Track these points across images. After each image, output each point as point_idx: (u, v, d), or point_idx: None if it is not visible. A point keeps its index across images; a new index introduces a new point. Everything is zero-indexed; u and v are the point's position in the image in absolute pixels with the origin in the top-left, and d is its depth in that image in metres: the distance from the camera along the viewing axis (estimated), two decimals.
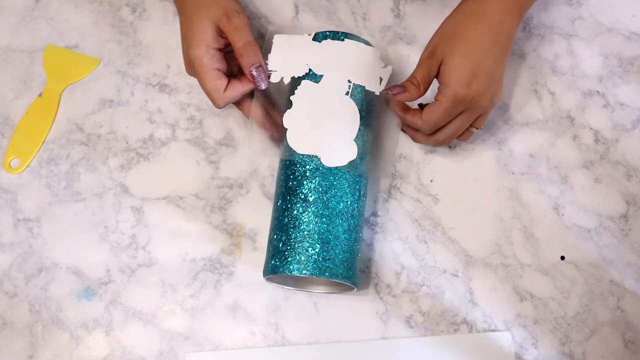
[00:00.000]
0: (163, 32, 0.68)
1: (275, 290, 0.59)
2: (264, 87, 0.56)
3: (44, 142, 0.64)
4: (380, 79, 0.58)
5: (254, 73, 0.55)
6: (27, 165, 0.63)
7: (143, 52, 0.67)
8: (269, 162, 0.63)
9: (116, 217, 0.61)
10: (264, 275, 0.55)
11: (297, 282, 0.59)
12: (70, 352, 0.57)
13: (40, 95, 0.65)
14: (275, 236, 0.54)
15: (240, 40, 0.55)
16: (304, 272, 0.52)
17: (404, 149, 0.64)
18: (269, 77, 0.57)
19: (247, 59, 0.55)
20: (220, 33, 0.56)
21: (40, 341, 0.58)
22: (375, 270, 0.60)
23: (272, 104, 0.59)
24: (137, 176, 0.63)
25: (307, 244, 0.52)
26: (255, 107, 0.57)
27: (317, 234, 0.52)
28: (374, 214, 0.61)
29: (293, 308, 0.59)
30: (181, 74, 0.66)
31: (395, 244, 0.60)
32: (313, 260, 0.52)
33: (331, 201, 0.53)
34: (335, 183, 0.54)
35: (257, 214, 0.60)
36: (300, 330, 0.58)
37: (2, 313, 0.59)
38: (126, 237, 0.61)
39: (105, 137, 0.64)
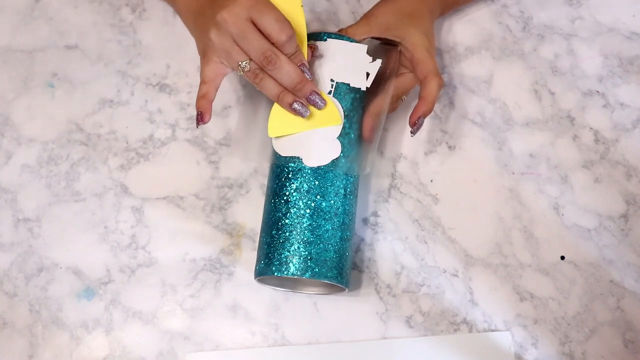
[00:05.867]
0: (163, 32, 0.68)
1: (275, 290, 0.59)
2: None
3: None
4: (367, 74, 0.58)
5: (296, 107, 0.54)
6: None
7: (143, 52, 0.67)
8: (269, 163, 0.63)
9: (116, 217, 0.61)
10: (254, 279, 0.55)
11: (290, 284, 0.58)
12: (70, 352, 0.57)
13: None
14: (262, 239, 0.55)
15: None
16: (285, 272, 0.52)
17: (404, 149, 0.64)
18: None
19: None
20: None
21: (40, 341, 0.58)
22: (375, 270, 0.60)
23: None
24: (137, 176, 0.63)
25: (289, 245, 0.52)
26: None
27: (300, 235, 0.52)
28: (374, 214, 0.61)
29: (293, 308, 0.59)
30: (181, 74, 0.66)
31: (395, 244, 0.60)
32: (295, 260, 0.52)
33: (313, 201, 0.53)
34: (317, 183, 0.54)
35: (257, 214, 0.60)
36: (300, 330, 0.58)
37: (2, 313, 0.59)
38: (126, 237, 0.61)
39: (105, 137, 0.64)
